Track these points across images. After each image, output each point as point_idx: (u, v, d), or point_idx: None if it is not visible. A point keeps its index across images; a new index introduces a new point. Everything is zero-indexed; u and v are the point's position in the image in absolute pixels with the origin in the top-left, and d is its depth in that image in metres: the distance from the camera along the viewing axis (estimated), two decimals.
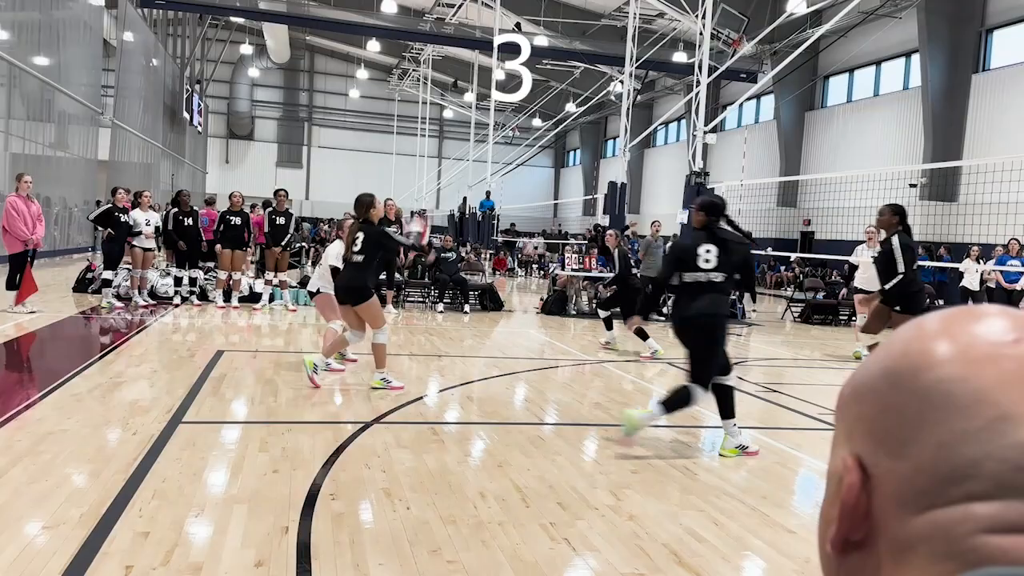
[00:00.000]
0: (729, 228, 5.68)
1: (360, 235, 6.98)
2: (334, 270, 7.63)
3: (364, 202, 7.08)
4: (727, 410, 5.57)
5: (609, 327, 10.64)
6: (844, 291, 14.85)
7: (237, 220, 12.55)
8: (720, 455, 5.52)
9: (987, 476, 0.47)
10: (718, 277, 5.40)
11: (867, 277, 10.68)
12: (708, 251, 5.42)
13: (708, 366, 5.45)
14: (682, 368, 8.68)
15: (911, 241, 7.82)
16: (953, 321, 0.52)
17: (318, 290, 8.03)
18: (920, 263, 15.22)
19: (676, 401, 5.44)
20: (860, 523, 0.52)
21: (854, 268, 11.59)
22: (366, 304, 6.98)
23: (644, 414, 5.64)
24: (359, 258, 6.94)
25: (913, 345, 0.52)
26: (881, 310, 7.90)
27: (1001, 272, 13.04)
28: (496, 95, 23.90)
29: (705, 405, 7.47)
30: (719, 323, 5.46)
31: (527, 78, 21.10)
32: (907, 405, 0.51)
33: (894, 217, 7.78)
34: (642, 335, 9.68)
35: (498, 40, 22.80)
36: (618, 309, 10.60)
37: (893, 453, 0.51)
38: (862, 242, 11.70)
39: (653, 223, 14.07)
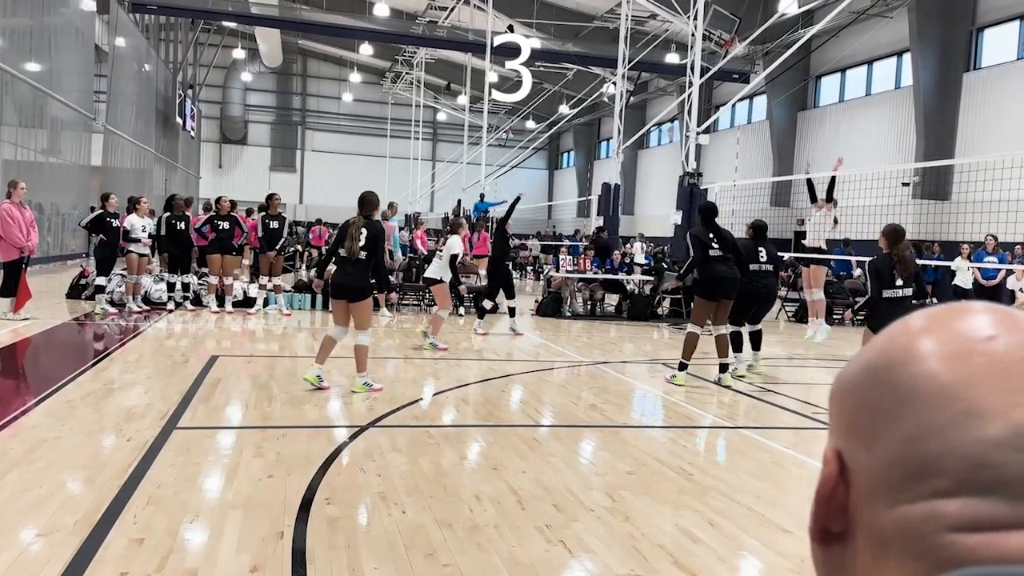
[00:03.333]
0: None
1: (364, 231, 6.98)
2: (452, 259, 9.58)
3: (371, 200, 7.10)
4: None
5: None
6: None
7: (226, 225, 12.54)
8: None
9: (950, 472, 0.47)
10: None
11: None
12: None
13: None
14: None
15: (880, 265, 7.13)
16: (935, 318, 0.52)
17: (440, 279, 9.80)
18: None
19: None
20: (837, 515, 0.52)
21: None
22: (364, 303, 7.03)
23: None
24: (363, 255, 6.95)
25: (894, 341, 0.52)
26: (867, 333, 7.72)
27: (979, 269, 13.07)
28: (496, 95, 23.90)
29: (703, 404, 7.49)
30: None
31: (527, 77, 21.12)
32: (880, 400, 0.51)
33: (882, 239, 7.22)
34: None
35: (497, 41, 22.82)
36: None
37: (866, 447, 0.51)
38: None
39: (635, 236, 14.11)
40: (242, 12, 27.96)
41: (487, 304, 11.76)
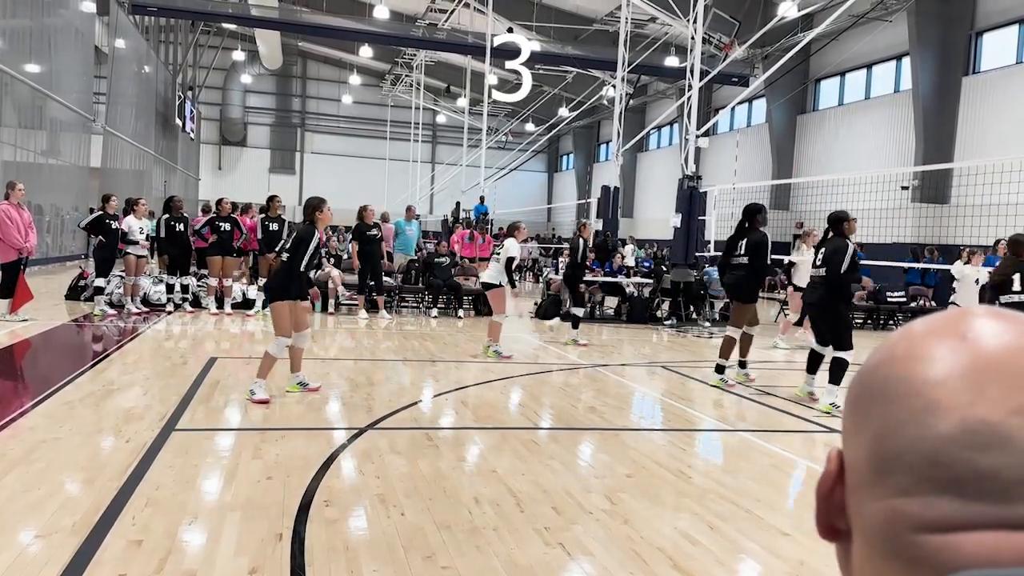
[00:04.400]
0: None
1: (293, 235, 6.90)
2: (509, 262, 9.59)
3: (311, 204, 6.89)
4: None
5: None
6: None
7: (227, 226, 12.54)
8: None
9: (908, 470, 0.47)
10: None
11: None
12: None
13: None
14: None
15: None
16: (925, 322, 0.52)
17: (499, 283, 9.66)
18: (910, 265, 15.30)
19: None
20: (837, 512, 0.53)
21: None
22: (272, 305, 6.82)
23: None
24: (284, 256, 6.80)
25: (885, 344, 0.53)
26: None
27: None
28: (496, 95, 23.90)
29: (702, 407, 7.49)
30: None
31: (527, 77, 21.12)
32: (860, 399, 0.52)
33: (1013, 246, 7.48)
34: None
35: (497, 41, 22.83)
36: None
37: (848, 444, 0.53)
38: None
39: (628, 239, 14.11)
40: (242, 14, 27.97)
41: (578, 311, 11.44)
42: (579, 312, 11.58)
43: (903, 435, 0.48)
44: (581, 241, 11.39)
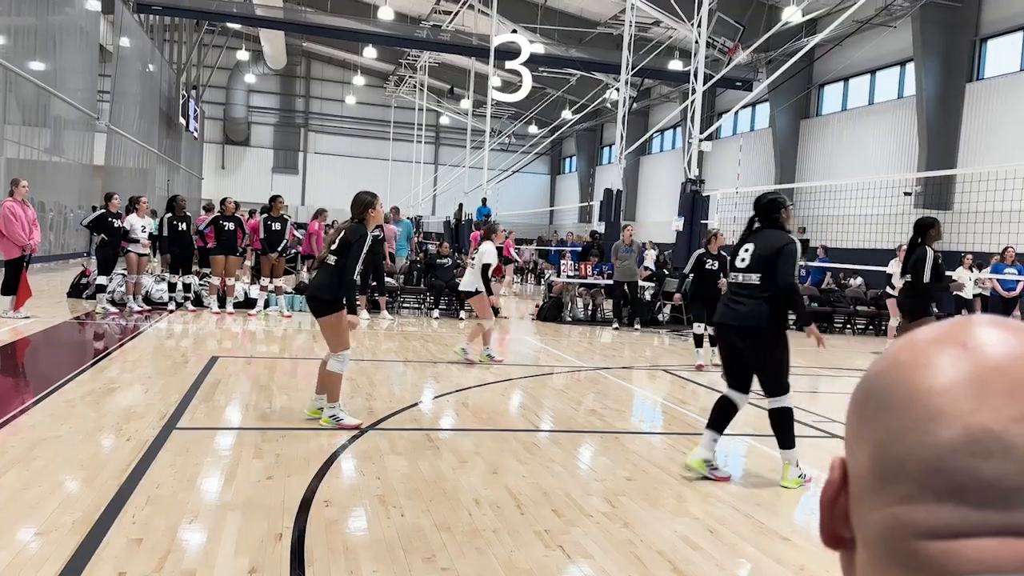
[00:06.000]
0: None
1: (342, 234, 6.00)
2: (485, 268, 9.11)
3: (361, 200, 6.08)
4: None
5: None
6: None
7: (230, 225, 12.55)
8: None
9: (910, 477, 0.47)
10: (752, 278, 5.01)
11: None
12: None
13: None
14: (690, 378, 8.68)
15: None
16: (929, 330, 0.52)
17: (476, 290, 9.24)
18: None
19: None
20: (841, 521, 0.53)
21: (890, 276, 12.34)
22: (327, 319, 5.95)
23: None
24: (332, 260, 5.93)
25: (889, 352, 0.53)
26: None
27: (999, 280, 13.09)
28: (497, 95, 23.93)
29: (703, 410, 7.48)
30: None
31: (527, 77, 21.12)
32: (863, 407, 0.52)
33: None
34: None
35: (498, 40, 22.85)
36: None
37: (851, 452, 0.53)
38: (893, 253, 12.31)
39: (625, 227, 14.15)
40: (247, 14, 28.00)
41: (698, 329, 9.98)
42: (697, 330, 10.09)
43: (905, 443, 0.48)
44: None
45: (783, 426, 5.01)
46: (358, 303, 13.37)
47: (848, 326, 15.83)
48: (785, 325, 5.02)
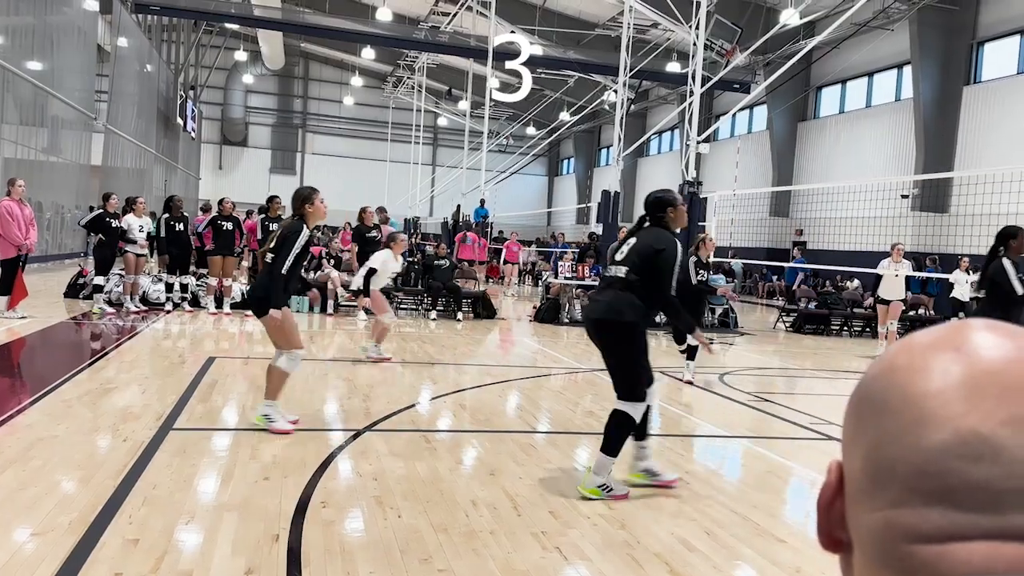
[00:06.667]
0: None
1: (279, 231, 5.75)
2: (371, 271, 9.20)
3: (300, 195, 5.79)
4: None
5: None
6: (870, 299, 15.00)
7: (229, 226, 12.54)
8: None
9: (900, 481, 0.47)
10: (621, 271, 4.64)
11: (887, 288, 11.50)
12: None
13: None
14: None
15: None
16: (924, 334, 0.53)
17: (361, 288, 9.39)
18: (913, 274, 15.31)
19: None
20: (838, 524, 0.53)
21: (878, 279, 12.22)
22: (266, 318, 5.67)
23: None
24: (270, 258, 5.63)
25: (885, 355, 0.53)
26: None
27: None
28: (497, 96, 23.94)
29: (699, 412, 7.49)
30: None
31: (527, 78, 21.13)
32: (859, 410, 0.52)
33: None
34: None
35: (497, 40, 22.86)
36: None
37: (847, 455, 0.53)
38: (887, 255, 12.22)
39: (620, 229, 14.16)
40: (245, 14, 27.99)
41: (694, 340, 9.15)
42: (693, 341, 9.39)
43: (897, 446, 0.48)
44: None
45: (616, 431, 4.59)
46: (356, 304, 13.44)
47: (845, 328, 15.85)
48: (645, 326, 4.69)
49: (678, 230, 4.86)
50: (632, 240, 4.78)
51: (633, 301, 4.54)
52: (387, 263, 9.40)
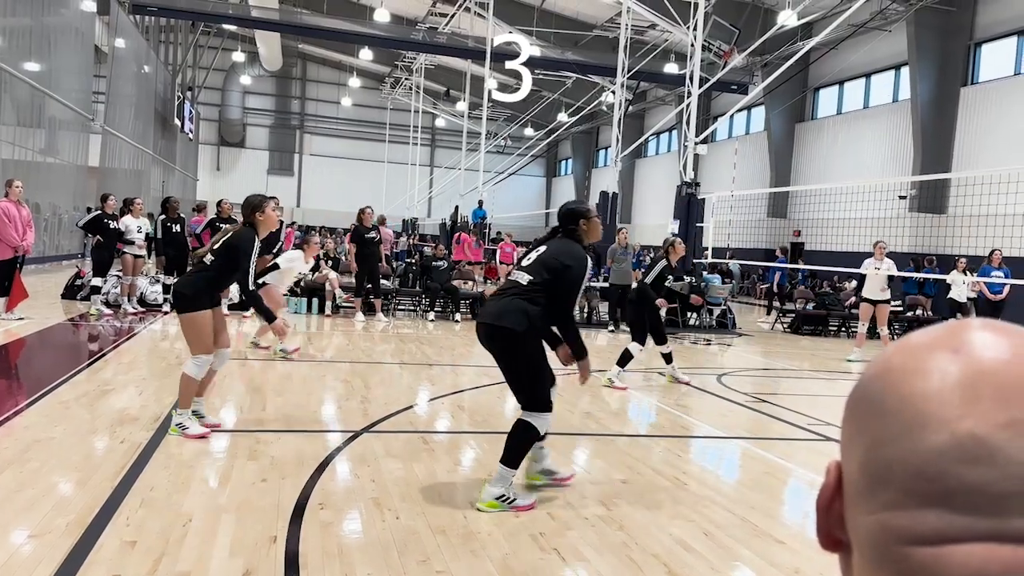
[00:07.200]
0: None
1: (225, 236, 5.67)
2: (274, 266, 9.36)
3: (251, 203, 5.68)
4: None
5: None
6: (852, 299, 14.94)
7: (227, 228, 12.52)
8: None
9: (897, 483, 0.47)
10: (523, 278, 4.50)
11: (871, 287, 11.45)
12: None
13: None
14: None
15: None
16: (922, 334, 0.53)
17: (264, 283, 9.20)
18: (907, 274, 15.32)
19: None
20: (836, 524, 0.53)
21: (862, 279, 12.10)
22: (187, 316, 5.44)
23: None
24: (209, 259, 5.56)
25: (883, 356, 0.53)
26: None
27: (985, 283, 13.13)
28: (497, 95, 23.95)
29: (698, 414, 7.49)
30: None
31: (527, 78, 21.15)
32: (856, 411, 0.52)
33: None
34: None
35: (498, 40, 22.87)
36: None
37: (845, 456, 0.53)
38: (854, 253, 11.97)
39: (619, 230, 14.15)
40: (242, 15, 27.98)
41: (634, 349, 8.57)
42: (633, 349, 8.71)
43: (894, 448, 0.48)
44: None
45: (517, 442, 4.46)
46: (353, 306, 13.42)
47: (843, 329, 15.86)
48: (538, 335, 4.56)
49: (590, 243, 4.78)
50: (542, 248, 4.66)
51: (528, 309, 4.39)
52: (293, 262, 9.44)
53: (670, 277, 8.93)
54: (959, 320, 0.53)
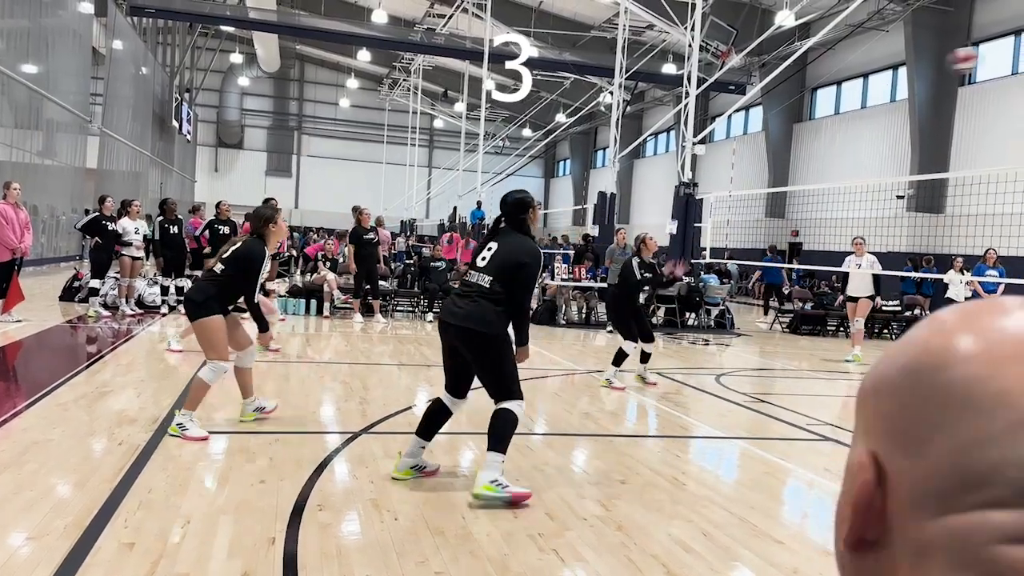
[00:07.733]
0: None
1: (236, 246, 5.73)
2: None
3: (261, 215, 5.73)
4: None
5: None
6: (840, 298, 14.92)
7: (225, 229, 12.52)
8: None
9: (1005, 483, 0.45)
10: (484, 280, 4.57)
11: (853, 285, 11.43)
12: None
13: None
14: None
15: None
16: (976, 316, 0.50)
17: None
18: (905, 274, 15.31)
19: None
20: (874, 523, 0.50)
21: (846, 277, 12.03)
22: (200, 322, 5.53)
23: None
24: (219, 269, 5.62)
25: (934, 340, 0.50)
26: None
27: (979, 282, 13.14)
28: (497, 95, 23.97)
29: (697, 414, 7.49)
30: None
31: (527, 78, 21.17)
32: (926, 403, 0.49)
33: None
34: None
35: (498, 40, 22.88)
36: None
37: (910, 453, 0.49)
38: (851, 253, 11.91)
39: (618, 230, 14.13)
40: (240, 17, 27.99)
41: (627, 348, 8.50)
42: (627, 348, 8.65)
43: (999, 446, 0.46)
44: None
45: (500, 428, 4.51)
46: (351, 307, 13.41)
47: (841, 329, 15.86)
48: (507, 334, 4.64)
49: (536, 233, 4.87)
50: (494, 246, 4.64)
51: (498, 312, 4.51)
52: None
53: (644, 271, 8.68)
54: (996, 297, 0.51)
